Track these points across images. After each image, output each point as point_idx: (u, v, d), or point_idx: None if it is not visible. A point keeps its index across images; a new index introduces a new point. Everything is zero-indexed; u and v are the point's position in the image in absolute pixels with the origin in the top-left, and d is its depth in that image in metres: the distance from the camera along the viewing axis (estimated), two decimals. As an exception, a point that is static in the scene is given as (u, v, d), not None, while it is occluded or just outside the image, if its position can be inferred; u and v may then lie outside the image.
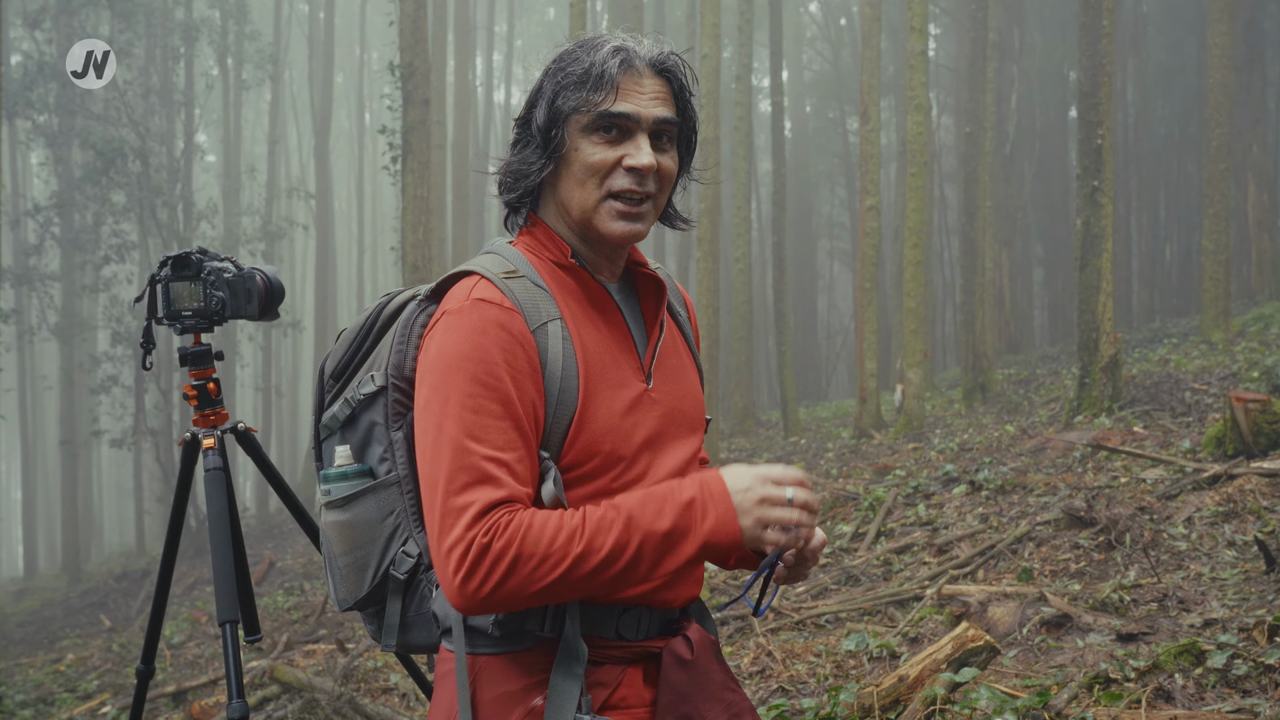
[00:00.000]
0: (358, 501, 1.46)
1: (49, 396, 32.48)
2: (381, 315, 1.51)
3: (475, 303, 1.33)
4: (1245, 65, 17.12)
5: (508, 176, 1.43)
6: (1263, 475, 6.18)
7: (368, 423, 1.47)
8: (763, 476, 1.30)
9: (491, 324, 1.31)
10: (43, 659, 11.36)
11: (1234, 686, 3.51)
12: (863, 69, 14.59)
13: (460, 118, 24.23)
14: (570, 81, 1.36)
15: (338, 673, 5.36)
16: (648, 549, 1.26)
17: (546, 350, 1.34)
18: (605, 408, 1.37)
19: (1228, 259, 14.08)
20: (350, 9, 39.50)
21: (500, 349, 1.30)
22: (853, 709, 3.73)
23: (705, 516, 1.27)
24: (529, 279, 1.39)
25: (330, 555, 1.50)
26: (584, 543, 1.24)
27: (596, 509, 1.27)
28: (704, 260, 14.34)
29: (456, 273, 1.42)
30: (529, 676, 1.36)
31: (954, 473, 8.86)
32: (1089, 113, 10.34)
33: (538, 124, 1.39)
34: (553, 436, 1.35)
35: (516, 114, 1.46)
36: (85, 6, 18.38)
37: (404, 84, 11.73)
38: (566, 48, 1.41)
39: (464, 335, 1.31)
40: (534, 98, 1.41)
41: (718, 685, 1.46)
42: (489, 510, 1.25)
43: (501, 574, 1.23)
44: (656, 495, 1.29)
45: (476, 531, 1.23)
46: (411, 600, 1.46)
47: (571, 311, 1.39)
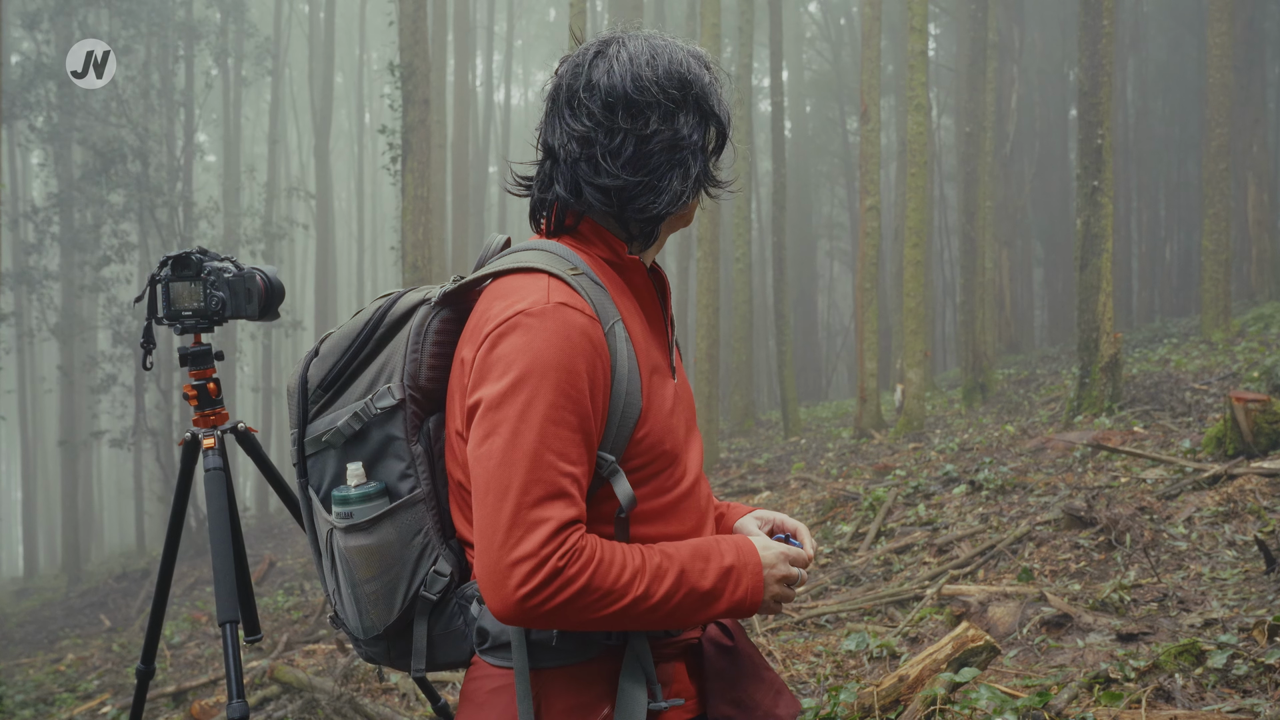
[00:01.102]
0: (384, 523, 1.39)
1: (49, 397, 32.49)
2: (385, 320, 1.43)
3: (558, 307, 1.28)
4: (1245, 65, 17.12)
5: (669, 200, 1.38)
6: (1263, 475, 6.18)
7: (382, 437, 1.40)
8: (788, 557, 1.42)
9: (576, 332, 1.28)
10: (43, 659, 11.36)
11: (1234, 686, 3.51)
12: (863, 69, 14.59)
13: (460, 118, 24.24)
14: (719, 100, 1.42)
15: (338, 673, 5.36)
16: (689, 602, 1.31)
17: (616, 354, 1.32)
18: (661, 406, 1.38)
19: (1228, 259, 14.08)
20: (350, 9, 39.51)
21: (585, 360, 1.28)
22: (853, 709, 3.73)
23: (739, 585, 1.35)
24: (588, 276, 1.36)
25: (353, 582, 1.42)
26: (643, 587, 1.27)
27: (653, 555, 1.30)
28: (704, 260, 14.34)
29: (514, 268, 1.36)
30: (595, 687, 1.35)
31: (954, 473, 8.86)
32: (1089, 113, 10.34)
33: (719, 141, 1.43)
34: (619, 439, 1.33)
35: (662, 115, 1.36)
36: (85, 6, 18.37)
37: (404, 84, 11.73)
38: (687, 55, 1.40)
39: (549, 341, 1.26)
40: (708, 108, 1.40)
41: (759, 665, 1.50)
42: (564, 528, 1.23)
43: (566, 598, 1.22)
44: (703, 553, 1.34)
45: (551, 550, 1.21)
46: (438, 620, 1.42)
47: (625, 309, 1.39)
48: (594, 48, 1.39)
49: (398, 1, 12.56)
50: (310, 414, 1.46)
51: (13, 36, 21.06)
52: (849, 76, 29.42)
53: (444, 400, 1.44)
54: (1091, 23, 10.44)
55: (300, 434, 1.47)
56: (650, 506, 1.37)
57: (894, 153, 26.02)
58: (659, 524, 1.38)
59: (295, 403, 1.47)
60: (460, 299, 1.44)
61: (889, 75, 26.88)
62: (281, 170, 33.39)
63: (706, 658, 1.43)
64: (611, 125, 1.34)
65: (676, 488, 1.41)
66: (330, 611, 1.53)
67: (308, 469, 1.47)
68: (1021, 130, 22.21)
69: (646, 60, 1.36)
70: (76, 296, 21.48)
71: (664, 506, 1.39)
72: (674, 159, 1.36)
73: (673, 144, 1.36)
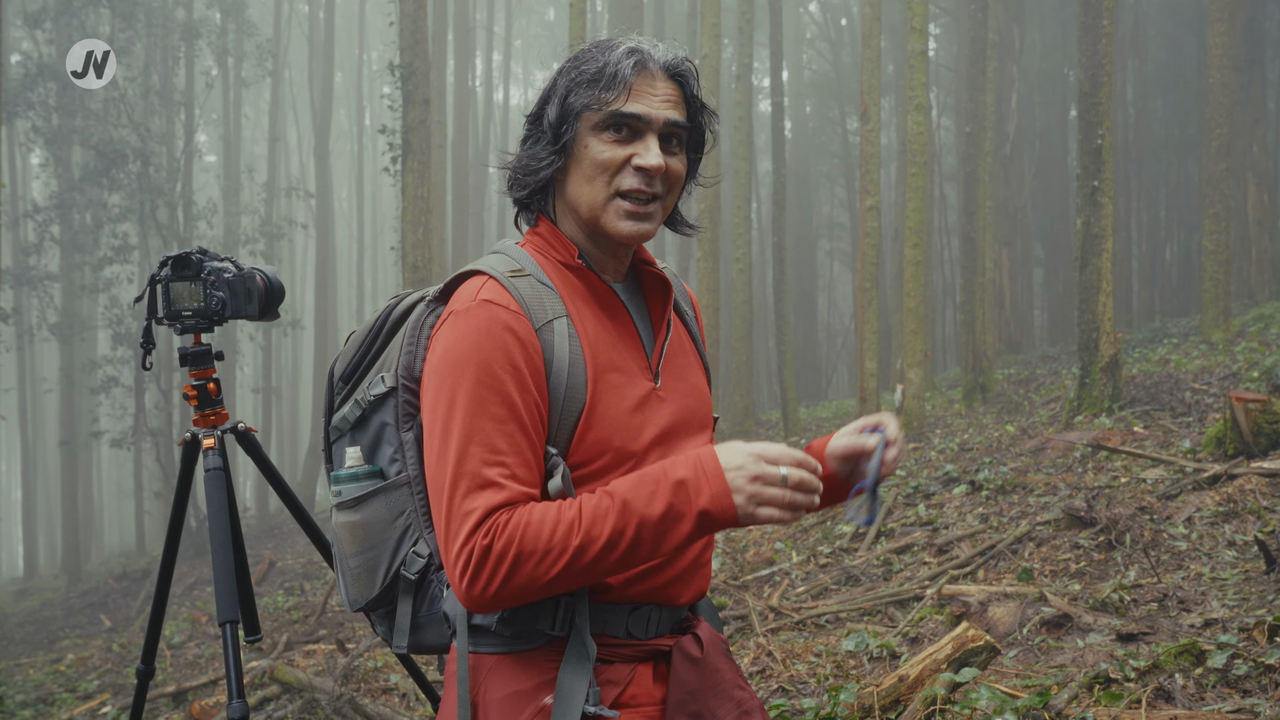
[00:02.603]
0: (368, 502, 1.46)
1: (49, 397, 32.49)
2: (391, 317, 1.51)
3: (481, 304, 1.33)
4: (1245, 65, 17.12)
5: (517, 172, 1.45)
6: (1263, 475, 6.18)
7: (378, 424, 1.47)
8: (757, 454, 1.27)
9: (497, 325, 1.32)
10: (43, 659, 11.36)
11: (1234, 686, 3.51)
12: (863, 69, 14.59)
13: (460, 118, 24.23)
14: (583, 80, 1.38)
15: (338, 673, 5.36)
16: (646, 533, 1.26)
17: (552, 348, 1.35)
18: (613, 405, 1.38)
19: (1228, 259, 14.07)
20: (350, 9, 39.51)
21: (503, 351, 1.31)
22: (853, 709, 3.73)
23: (699, 494, 1.26)
24: (535, 277, 1.40)
25: (341, 556, 1.51)
26: (582, 534, 1.24)
27: (592, 497, 1.28)
28: (704, 260, 14.34)
29: (464, 272, 1.43)
30: (539, 676, 1.37)
31: (954, 473, 8.86)
32: (1089, 113, 10.34)
33: (549, 120, 1.41)
34: (560, 433, 1.35)
35: (529, 111, 1.47)
36: (85, 6, 18.37)
37: (404, 84, 11.72)
38: (582, 47, 1.43)
39: (468, 337, 1.31)
40: (547, 94, 1.43)
41: (727, 683, 1.47)
42: (490, 514, 1.26)
43: (505, 574, 1.25)
44: (650, 477, 1.28)
45: (478, 536, 1.25)
46: (423, 600, 1.46)
47: (578, 310, 1.41)
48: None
49: (398, 1, 12.56)
50: (336, 404, 1.56)
51: (13, 36, 21.06)
52: (849, 76, 29.42)
53: None
54: (1091, 23, 10.44)
55: (327, 423, 1.57)
56: None
57: (894, 153, 26.01)
58: None
59: (325, 395, 1.58)
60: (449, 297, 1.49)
61: (889, 75, 26.88)
62: (281, 170, 33.38)
63: (673, 667, 1.42)
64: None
65: None
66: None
67: (332, 455, 1.57)
68: (1021, 130, 22.21)
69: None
70: (76, 296, 21.48)
71: None
72: (534, 133, 1.44)
73: (535, 124, 1.44)
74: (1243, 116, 17.19)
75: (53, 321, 20.84)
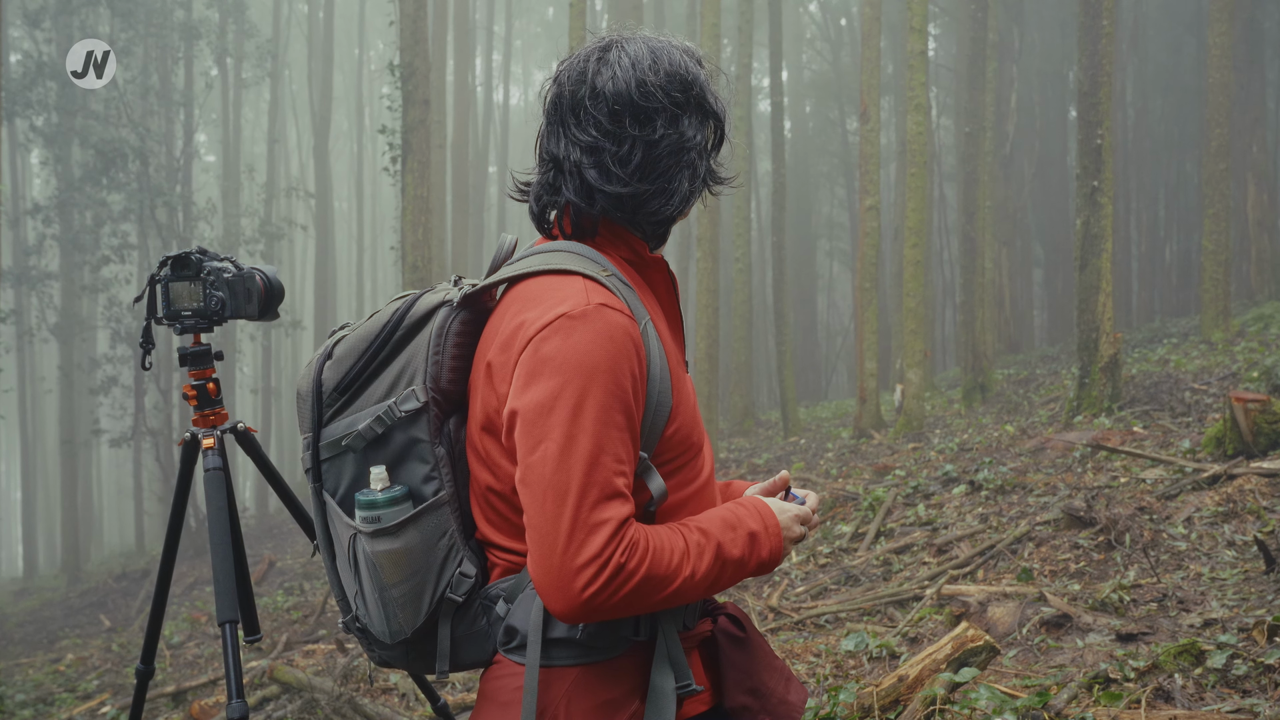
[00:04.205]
0: (410, 527, 1.38)
1: (49, 397, 32.48)
2: (404, 322, 1.42)
3: (599, 308, 1.29)
4: (1245, 65, 17.12)
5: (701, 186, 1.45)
6: (1262, 475, 6.18)
7: (405, 440, 1.39)
8: (798, 518, 1.48)
9: (620, 332, 1.29)
10: (43, 659, 11.36)
11: (1234, 686, 3.51)
12: (863, 69, 14.59)
13: (460, 118, 24.23)
14: (721, 106, 1.45)
15: (338, 673, 5.35)
16: (726, 572, 1.36)
17: (650, 352, 1.35)
18: (687, 400, 1.42)
19: (1228, 259, 14.08)
20: (350, 9, 39.49)
21: (627, 359, 1.29)
22: (853, 709, 3.73)
23: (763, 548, 1.40)
24: (617, 277, 1.38)
25: (381, 586, 1.40)
26: (690, 566, 1.31)
27: (691, 533, 1.35)
28: (704, 260, 14.34)
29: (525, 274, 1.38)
30: (628, 682, 1.37)
31: (954, 473, 8.86)
32: (1089, 113, 10.34)
33: (719, 140, 1.45)
34: (652, 435, 1.36)
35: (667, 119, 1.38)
36: (85, 6, 18.37)
37: (404, 84, 11.72)
38: (684, 54, 1.43)
39: (594, 342, 1.27)
40: (708, 107, 1.43)
41: (767, 654, 1.53)
42: (622, 526, 1.26)
43: (629, 591, 1.26)
44: (729, 523, 1.39)
45: (613, 549, 1.24)
46: (462, 621, 1.43)
47: (650, 308, 1.42)
48: (594, 54, 1.39)
49: (398, 1, 12.56)
50: (326, 418, 1.44)
51: (13, 36, 21.05)
52: (849, 76, 29.41)
53: (462, 401, 1.44)
54: (1091, 23, 10.44)
55: (315, 438, 1.44)
56: (677, 497, 1.42)
57: (894, 153, 26.01)
58: (682, 512, 1.42)
59: (309, 406, 1.45)
60: (479, 301, 1.45)
61: (889, 75, 26.87)
62: (281, 170, 33.38)
63: (722, 650, 1.46)
64: (619, 133, 1.36)
65: (699, 477, 1.45)
66: (347, 615, 1.51)
67: (323, 473, 1.45)
68: (1021, 130, 22.20)
69: (649, 65, 1.37)
70: (76, 296, 21.48)
71: (688, 496, 1.43)
72: (681, 161, 1.39)
73: (679, 147, 1.38)
74: (1243, 116, 17.19)
75: (52, 321, 20.84)
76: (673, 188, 1.39)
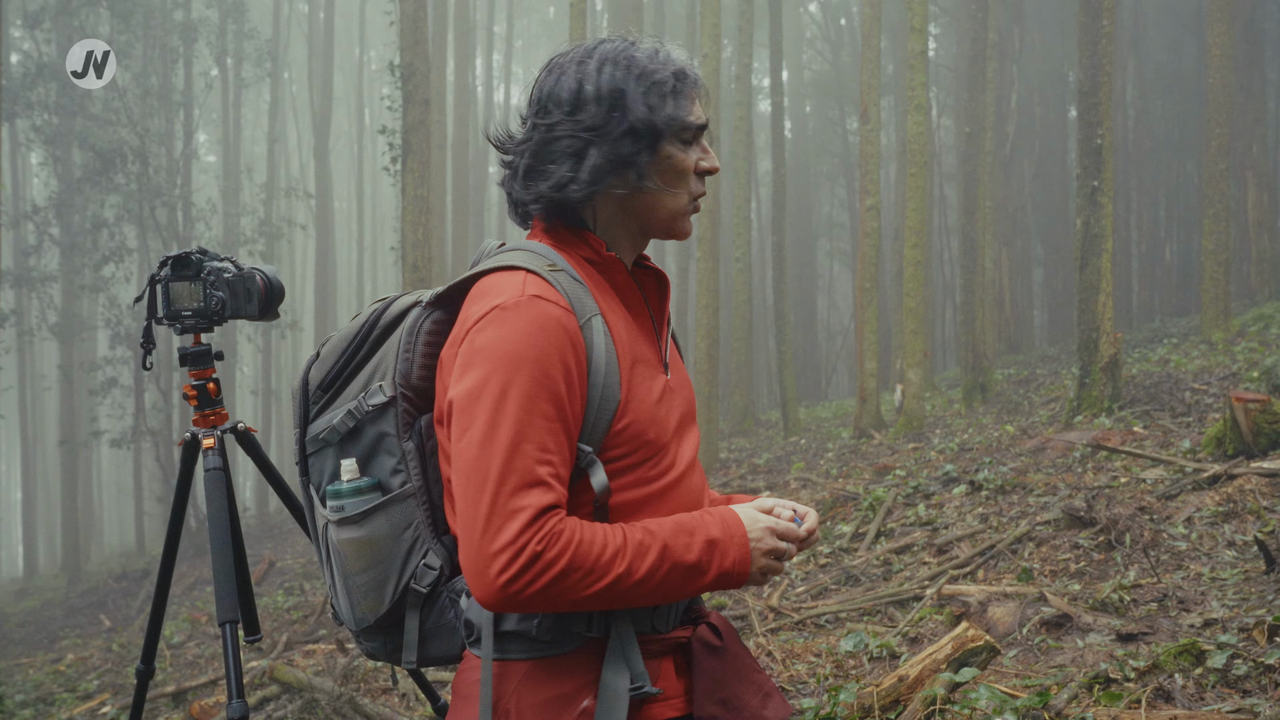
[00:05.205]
0: (374, 516, 1.43)
1: (49, 397, 32.48)
2: (380, 322, 1.48)
3: (532, 299, 1.32)
4: (1245, 65, 17.12)
5: (583, 174, 1.38)
6: (1263, 475, 6.18)
7: (375, 434, 1.45)
8: (772, 529, 1.41)
9: (550, 322, 1.31)
10: (43, 659, 11.36)
11: (1234, 686, 3.51)
12: (863, 69, 14.59)
13: (460, 118, 24.23)
14: (663, 91, 1.39)
15: (338, 673, 5.35)
16: (674, 577, 1.33)
17: (592, 346, 1.35)
18: (644, 398, 1.40)
19: (1228, 259, 14.08)
20: (350, 9, 39.49)
21: (557, 349, 1.30)
22: (853, 709, 3.73)
23: (725, 556, 1.36)
24: (567, 273, 1.40)
25: (345, 574, 1.46)
26: (626, 563, 1.29)
27: (635, 532, 1.32)
28: (704, 260, 14.34)
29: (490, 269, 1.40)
30: (579, 678, 1.37)
31: (954, 473, 8.86)
32: (1089, 113, 10.34)
33: (635, 127, 1.38)
34: (596, 430, 1.35)
35: (560, 105, 1.39)
36: (85, 6, 18.37)
37: (404, 84, 11.71)
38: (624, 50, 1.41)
39: (522, 332, 1.29)
40: (615, 100, 1.37)
41: (748, 668, 1.51)
42: (541, 515, 1.26)
43: (548, 581, 1.25)
44: (685, 527, 1.35)
45: (530, 537, 1.24)
46: (430, 613, 1.45)
47: (606, 305, 1.42)
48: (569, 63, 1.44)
49: (398, 1, 12.55)
50: (311, 414, 1.51)
51: (13, 36, 21.05)
52: (849, 76, 29.41)
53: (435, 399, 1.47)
54: (1091, 23, 10.44)
55: (302, 434, 1.52)
56: (633, 496, 1.39)
57: (894, 153, 26.01)
58: (643, 514, 1.40)
59: (297, 404, 1.52)
60: (451, 301, 1.47)
61: (889, 75, 26.87)
62: (281, 170, 33.37)
63: (695, 657, 1.44)
64: (533, 123, 1.42)
65: (662, 479, 1.42)
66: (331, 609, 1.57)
67: (309, 468, 1.52)
68: (1021, 130, 22.21)
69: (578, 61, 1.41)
70: (76, 297, 21.48)
71: (648, 496, 1.41)
72: (568, 147, 1.39)
73: (571, 133, 1.39)
74: (1243, 116, 17.19)
75: (52, 321, 20.84)
76: (549, 169, 1.40)
